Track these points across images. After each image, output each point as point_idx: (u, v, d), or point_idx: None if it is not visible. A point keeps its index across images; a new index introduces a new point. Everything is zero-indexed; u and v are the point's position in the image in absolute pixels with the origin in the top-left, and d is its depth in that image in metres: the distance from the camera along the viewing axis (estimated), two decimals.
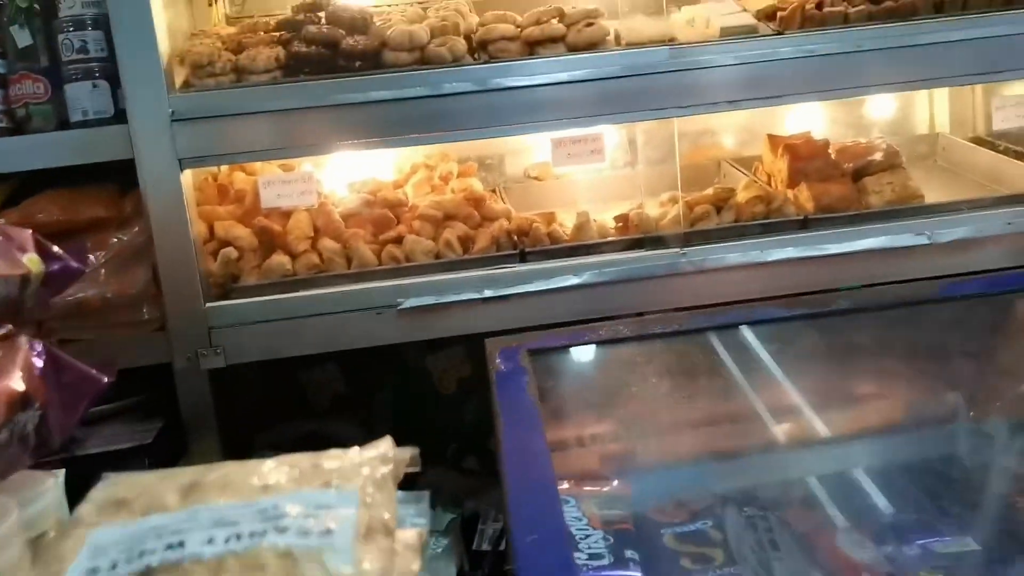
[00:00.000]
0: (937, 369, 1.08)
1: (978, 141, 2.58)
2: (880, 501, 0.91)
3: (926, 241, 2.05)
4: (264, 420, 2.33)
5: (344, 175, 2.34)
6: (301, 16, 2.02)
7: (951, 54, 2.03)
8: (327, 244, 1.97)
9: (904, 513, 0.91)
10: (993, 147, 2.48)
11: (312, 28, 1.95)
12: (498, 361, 1.03)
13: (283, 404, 2.43)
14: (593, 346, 1.06)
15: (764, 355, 1.01)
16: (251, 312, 1.89)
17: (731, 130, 2.71)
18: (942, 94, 2.67)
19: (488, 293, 1.93)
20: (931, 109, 2.71)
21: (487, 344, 1.10)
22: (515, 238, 2.03)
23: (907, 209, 2.12)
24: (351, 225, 2.05)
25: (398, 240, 1.99)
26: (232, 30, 2.16)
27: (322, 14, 2.05)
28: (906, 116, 2.74)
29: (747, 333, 1.06)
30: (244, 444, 2.14)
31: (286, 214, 2.03)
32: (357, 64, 1.93)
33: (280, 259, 1.94)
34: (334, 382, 2.54)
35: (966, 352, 1.11)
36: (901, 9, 2.06)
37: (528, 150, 2.60)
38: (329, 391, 2.53)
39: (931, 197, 2.20)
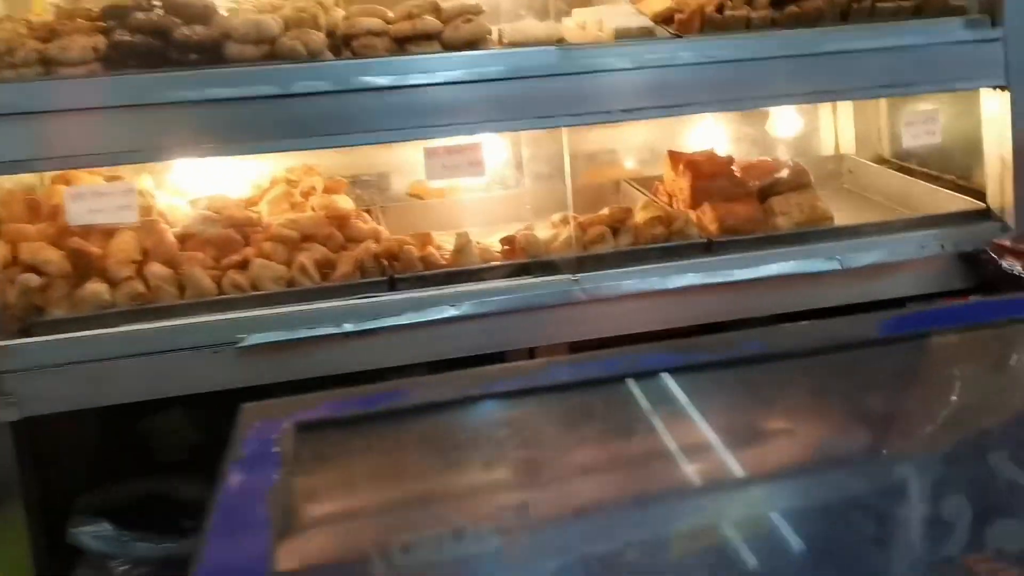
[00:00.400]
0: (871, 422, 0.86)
1: (884, 162, 2.47)
2: None
3: (838, 267, 1.88)
4: (92, 479, 1.97)
5: (190, 190, 2.02)
6: (130, 2, 1.71)
7: (859, 64, 1.88)
8: (155, 269, 1.65)
9: None
10: (901, 169, 2.36)
11: (140, 15, 1.65)
12: (242, 446, 0.75)
13: (119, 458, 2.07)
14: (398, 416, 0.78)
15: (647, 425, 0.75)
16: (56, 352, 1.56)
17: (630, 148, 2.53)
18: (847, 114, 2.56)
19: (349, 327, 1.65)
20: (836, 129, 2.59)
21: (242, 412, 0.81)
22: (384, 263, 1.76)
23: (817, 232, 1.95)
24: (189, 248, 1.74)
25: (243, 265, 1.70)
26: (49, 17, 1.83)
27: (158, 1, 1.75)
28: (811, 137, 2.62)
29: (631, 386, 0.80)
30: (62, 509, 1.78)
31: (108, 234, 1.71)
32: (192, 57, 1.64)
33: (96, 287, 1.61)
34: (181, 431, 2.19)
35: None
36: (806, 16, 1.90)
37: (414, 165, 2.35)
38: (175, 442, 2.18)
39: (839, 221, 2.05)
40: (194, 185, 2.07)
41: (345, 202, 1.92)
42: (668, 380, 0.78)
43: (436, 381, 0.80)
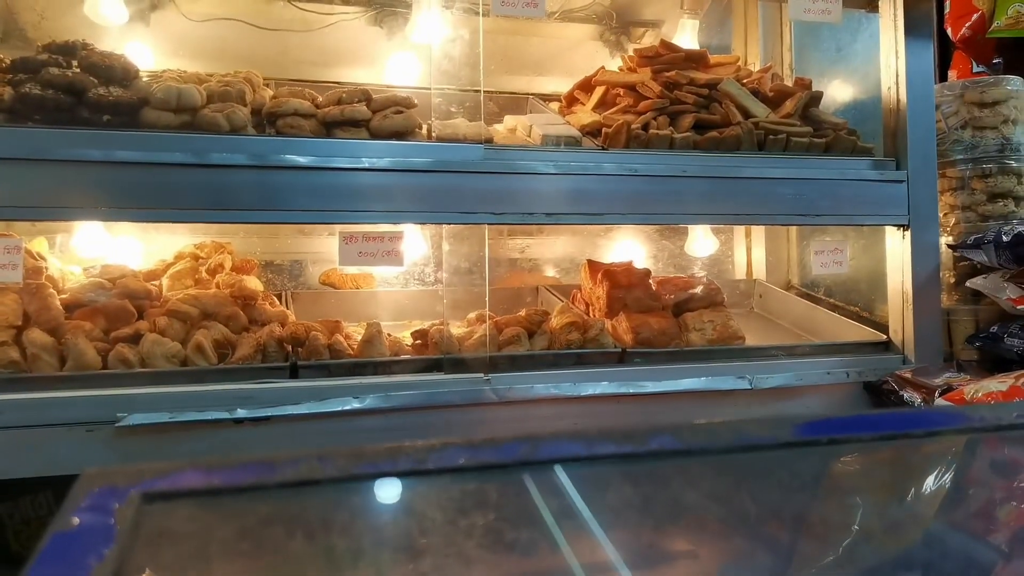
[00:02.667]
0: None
1: (793, 290, 2.55)
2: None
3: (747, 386, 1.89)
4: None
5: (89, 258, 1.91)
6: (45, 56, 1.65)
7: (773, 191, 1.95)
8: (34, 337, 1.52)
9: None
10: (808, 297, 2.44)
11: (54, 70, 1.59)
12: (72, 515, 0.66)
13: None
14: (266, 493, 0.69)
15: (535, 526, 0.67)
16: None
17: (551, 257, 2.55)
18: (760, 241, 2.65)
19: (242, 413, 1.54)
20: (749, 254, 2.67)
21: (82, 477, 0.72)
22: (288, 348, 1.68)
23: (729, 350, 1.96)
24: (77, 316, 1.62)
25: (134, 338, 1.58)
26: None
27: (75, 62, 1.69)
28: (725, 260, 2.69)
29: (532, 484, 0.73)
30: None
31: None
32: (105, 119, 1.57)
33: None
34: (49, 518, 1.99)
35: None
36: (725, 142, 1.98)
37: (330, 254, 2.29)
38: (37, 531, 1.98)
39: (750, 342, 2.07)
40: (94, 253, 1.96)
41: (254, 283, 1.84)
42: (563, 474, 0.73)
43: (314, 456, 0.72)
